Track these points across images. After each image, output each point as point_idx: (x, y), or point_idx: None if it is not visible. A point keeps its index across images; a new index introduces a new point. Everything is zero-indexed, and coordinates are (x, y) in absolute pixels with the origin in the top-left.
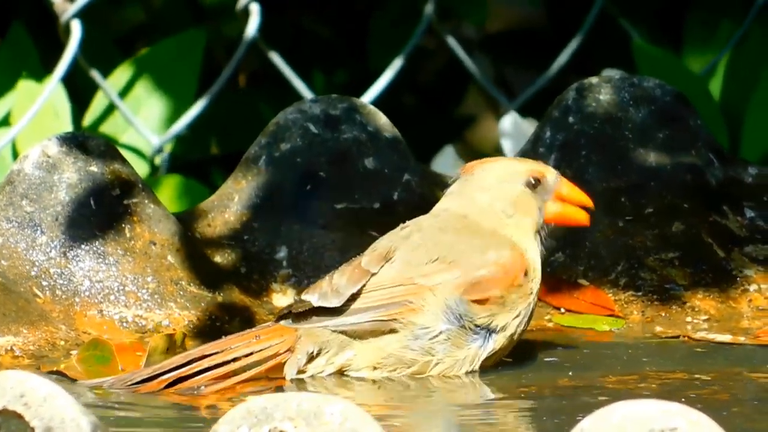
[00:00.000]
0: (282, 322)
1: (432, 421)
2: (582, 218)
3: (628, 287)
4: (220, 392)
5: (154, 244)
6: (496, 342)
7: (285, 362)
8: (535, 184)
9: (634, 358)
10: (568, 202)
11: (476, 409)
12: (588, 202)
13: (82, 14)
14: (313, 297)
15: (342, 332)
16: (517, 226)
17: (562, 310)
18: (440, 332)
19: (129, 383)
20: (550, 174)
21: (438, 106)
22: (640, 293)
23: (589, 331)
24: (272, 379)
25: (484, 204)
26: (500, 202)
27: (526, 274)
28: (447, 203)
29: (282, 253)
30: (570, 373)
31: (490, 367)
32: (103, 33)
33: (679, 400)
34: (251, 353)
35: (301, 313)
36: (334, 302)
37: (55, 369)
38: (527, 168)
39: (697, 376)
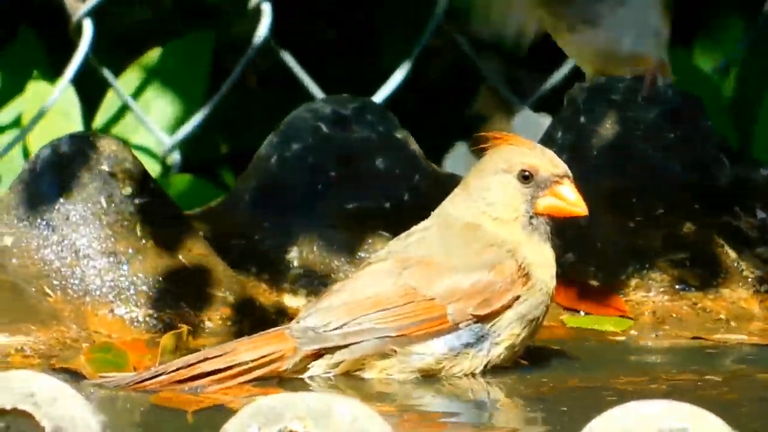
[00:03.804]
0: (286, 332)
1: (440, 422)
2: (577, 211)
3: (638, 288)
4: (221, 391)
5: (165, 243)
6: (500, 347)
7: (286, 368)
8: (527, 177)
9: (645, 358)
10: (563, 201)
11: (485, 410)
12: (580, 211)
13: (93, 14)
14: (311, 320)
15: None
16: (501, 220)
17: (581, 312)
18: (440, 350)
19: (131, 382)
20: (547, 169)
21: (449, 105)
22: (650, 294)
23: (600, 331)
24: (278, 378)
25: (478, 200)
26: (487, 194)
27: (527, 278)
28: (448, 203)
29: (293, 252)
30: (580, 374)
31: (501, 368)
32: (113, 33)
33: (689, 401)
34: (253, 359)
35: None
36: (333, 327)
37: (67, 366)
38: (521, 161)
39: (707, 376)
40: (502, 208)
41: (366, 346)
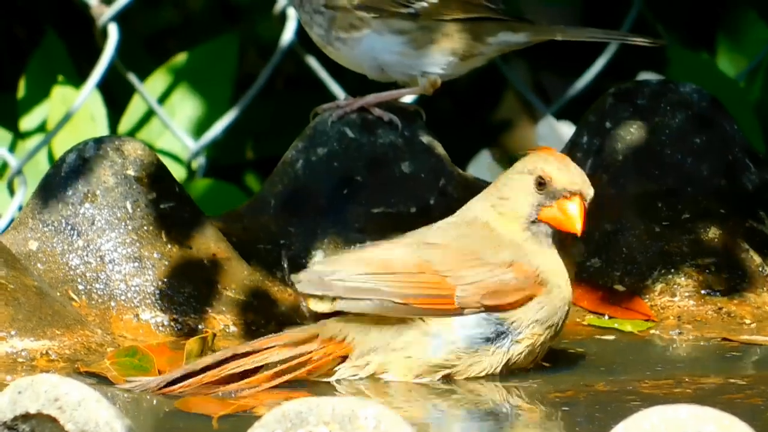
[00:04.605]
0: (300, 282)
1: (465, 426)
2: (572, 228)
3: (663, 293)
4: (246, 395)
5: (191, 248)
6: (520, 346)
7: (315, 367)
8: (542, 184)
9: (670, 362)
10: (563, 214)
11: (511, 414)
12: (573, 227)
13: (118, 18)
14: (319, 266)
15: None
16: (504, 216)
17: (606, 316)
18: (460, 342)
19: (159, 385)
20: (561, 182)
21: (474, 110)
22: (676, 298)
23: (626, 335)
24: (304, 381)
25: (494, 192)
26: (504, 188)
27: (542, 283)
28: (473, 199)
29: (319, 257)
30: (606, 378)
31: (526, 371)
32: (138, 37)
33: (713, 405)
34: (281, 360)
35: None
36: (338, 277)
37: (92, 370)
38: (542, 167)
39: (732, 380)
40: (509, 205)
41: (367, 306)
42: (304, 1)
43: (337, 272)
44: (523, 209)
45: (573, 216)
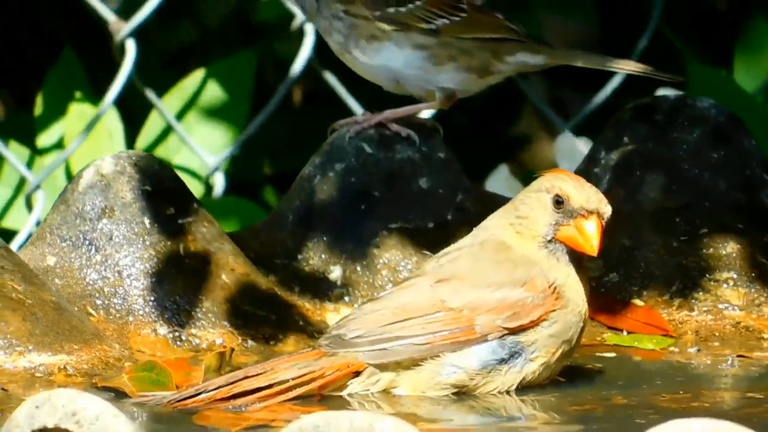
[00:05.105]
0: (323, 346)
1: None
2: (588, 249)
3: (682, 307)
4: (264, 410)
5: (209, 263)
6: (534, 364)
7: (327, 382)
8: (559, 203)
9: (688, 376)
10: (581, 234)
11: (528, 426)
12: (589, 249)
13: (136, 34)
14: (340, 330)
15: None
16: (521, 235)
17: (624, 331)
18: (474, 365)
19: (171, 400)
20: (578, 201)
21: (492, 126)
22: (694, 313)
23: (643, 349)
24: (319, 396)
25: (512, 211)
26: (521, 206)
27: (558, 297)
28: (488, 218)
29: (336, 272)
30: (623, 392)
31: (543, 385)
32: (156, 53)
33: (730, 419)
34: (293, 377)
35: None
36: (359, 334)
37: (110, 385)
38: (560, 186)
39: (749, 394)
40: (527, 224)
41: (393, 353)
42: (322, 6)
43: (357, 330)
44: (540, 229)
45: (590, 236)
